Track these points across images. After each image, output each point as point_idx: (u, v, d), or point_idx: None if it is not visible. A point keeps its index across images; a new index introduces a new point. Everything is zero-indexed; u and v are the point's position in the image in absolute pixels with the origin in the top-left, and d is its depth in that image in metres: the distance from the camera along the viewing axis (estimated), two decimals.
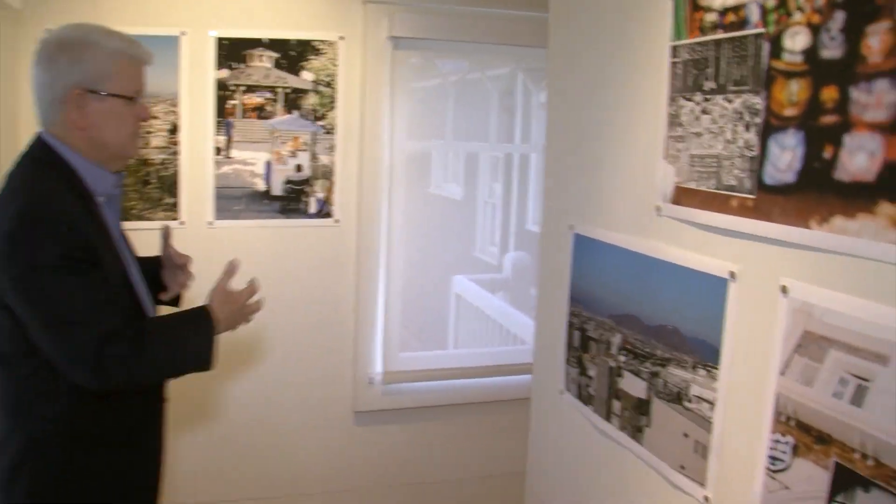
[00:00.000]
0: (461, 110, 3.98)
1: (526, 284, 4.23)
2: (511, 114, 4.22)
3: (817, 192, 1.35)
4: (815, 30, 1.34)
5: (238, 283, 1.92)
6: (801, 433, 1.40)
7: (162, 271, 2.11)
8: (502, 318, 4.19)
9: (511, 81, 4.11)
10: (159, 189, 3.36)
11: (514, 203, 5.11)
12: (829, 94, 1.32)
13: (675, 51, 1.71)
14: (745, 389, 1.56)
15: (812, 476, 1.38)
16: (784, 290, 1.44)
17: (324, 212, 3.57)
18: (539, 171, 5.20)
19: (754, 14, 1.48)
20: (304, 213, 3.56)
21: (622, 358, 1.96)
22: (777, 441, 1.46)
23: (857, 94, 1.27)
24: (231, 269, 1.94)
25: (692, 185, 1.67)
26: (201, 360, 1.84)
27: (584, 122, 2.15)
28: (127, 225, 2.05)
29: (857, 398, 1.28)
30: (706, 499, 1.67)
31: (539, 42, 2.82)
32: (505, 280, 4.43)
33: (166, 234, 2.09)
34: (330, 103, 3.52)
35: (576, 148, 2.19)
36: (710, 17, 1.59)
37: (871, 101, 1.25)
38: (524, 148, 4.24)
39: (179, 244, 2.10)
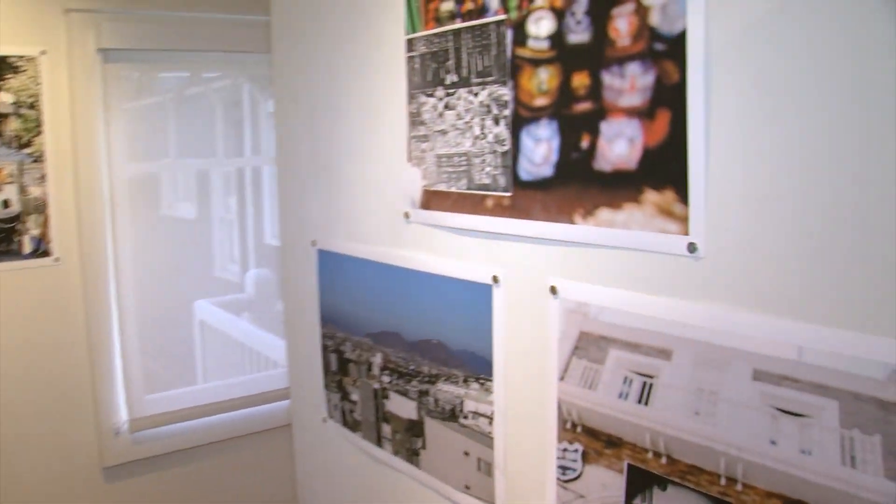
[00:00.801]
0: (185, 125, 3.67)
1: (271, 302, 3.99)
2: (239, 125, 3.96)
3: (579, 185, 1.25)
4: (559, 14, 1.24)
5: None
6: (590, 439, 1.30)
7: None
8: (252, 342, 3.90)
9: (236, 91, 3.85)
10: None
11: (250, 217, 4.86)
12: (581, 80, 1.22)
13: (410, 44, 1.57)
14: (524, 399, 1.44)
15: (606, 481, 1.28)
16: (553, 290, 1.34)
17: (41, 250, 3.13)
18: (273, 182, 4.97)
19: (493, 0, 1.36)
20: (17, 255, 3.10)
21: (386, 378, 1.79)
22: (565, 450, 1.35)
23: (609, 79, 1.18)
24: None
25: (442, 188, 1.54)
26: None
27: (318, 129, 1.95)
28: None
29: (644, 396, 1.20)
30: None
31: (264, 48, 2.60)
32: (248, 300, 4.16)
33: None
34: (35, 128, 3.08)
35: (312, 157, 2.00)
36: (447, 6, 1.46)
37: (624, 85, 1.16)
38: (256, 160, 3.98)
39: None
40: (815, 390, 1.00)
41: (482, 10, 1.38)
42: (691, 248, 1.11)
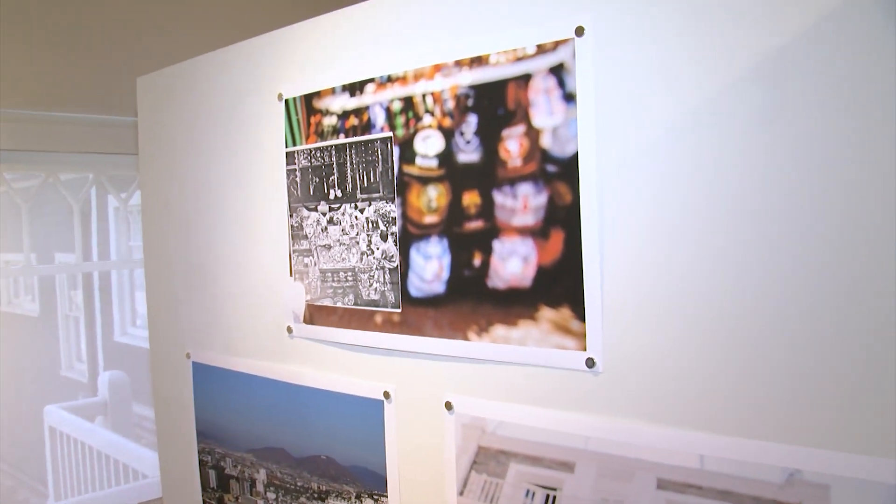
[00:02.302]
0: (37, 221, 3.45)
1: (127, 406, 3.76)
2: (89, 224, 3.78)
3: (472, 302, 1.23)
4: (447, 133, 1.23)
5: None
6: None
7: None
8: (110, 450, 3.61)
9: (89, 191, 3.67)
10: None
11: (98, 314, 4.63)
12: (471, 199, 1.21)
13: (290, 157, 1.52)
14: None
15: None
16: (449, 406, 1.30)
17: None
18: (121, 279, 4.76)
19: (379, 118, 1.33)
20: None
21: (272, 496, 1.69)
22: None
23: (501, 198, 1.17)
24: None
25: (327, 303, 1.48)
26: None
27: (192, 236, 1.85)
28: None
29: None
30: None
31: (121, 148, 2.48)
32: (102, 403, 3.91)
33: None
34: None
35: (186, 268, 1.89)
36: (329, 121, 1.42)
37: (517, 205, 1.15)
38: (103, 265, 3.79)
39: None
40: (717, 496, 1.00)
41: (367, 127, 1.35)
42: (589, 363, 1.10)
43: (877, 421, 0.87)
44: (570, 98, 1.10)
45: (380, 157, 1.34)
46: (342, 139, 1.40)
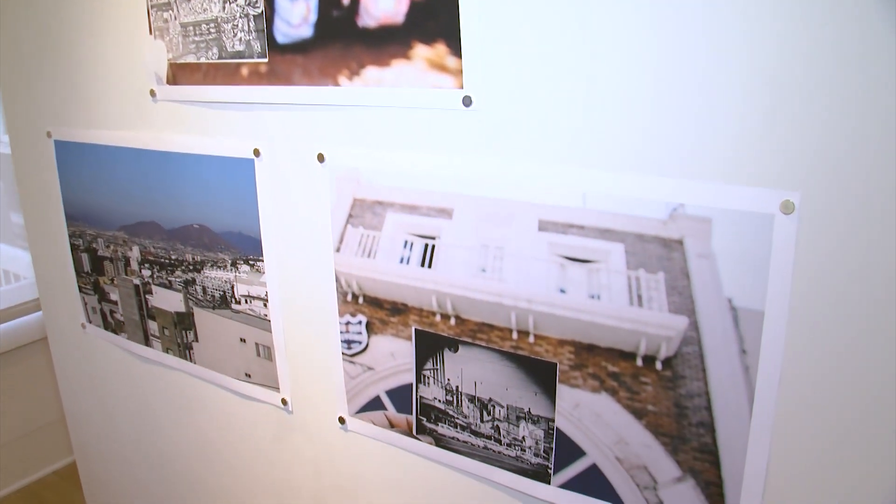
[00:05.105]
0: None
1: (3, 214, 3.55)
2: None
3: (342, 44, 1.12)
4: None
5: None
6: (373, 308, 1.22)
7: None
8: None
9: None
10: None
11: None
12: None
13: None
14: (300, 276, 1.33)
15: (394, 350, 1.21)
16: (321, 158, 1.22)
17: None
18: None
19: None
20: None
21: (146, 272, 1.61)
22: (348, 323, 1.26)
23: None
24: None
25: (191, 59, 1.35)
26: None
27: (42, 9, 1.65)
28: None
29: (426, 259, 1.13)
30: (284, 401, 1.44)
31: None
32: None
33: None
34: None
35: (37, 40, 1.69)
36: None
37: None
38: None
39: None
40: (600, 235, 0.97)
41: None
42: (466, 101, 1.03)
43: (756, 150, 0.83)
44: None
45: None
46: None
